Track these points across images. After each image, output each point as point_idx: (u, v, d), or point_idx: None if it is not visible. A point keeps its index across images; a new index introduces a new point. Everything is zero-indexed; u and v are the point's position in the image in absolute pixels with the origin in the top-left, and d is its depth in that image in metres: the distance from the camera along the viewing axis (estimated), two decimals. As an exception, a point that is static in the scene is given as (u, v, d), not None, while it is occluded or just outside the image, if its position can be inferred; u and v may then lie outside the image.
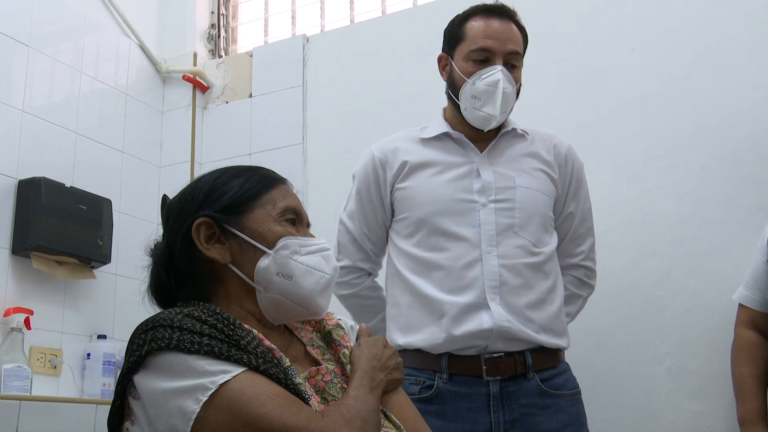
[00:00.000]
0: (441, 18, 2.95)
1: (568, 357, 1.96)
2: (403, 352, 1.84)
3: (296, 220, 1.32)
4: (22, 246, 2.60)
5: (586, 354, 2.39)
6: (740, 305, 2.15)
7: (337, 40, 3.22)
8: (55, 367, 2.67)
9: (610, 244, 2.42)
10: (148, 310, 1.30)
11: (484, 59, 1.90)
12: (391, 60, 3.05)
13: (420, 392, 1.81)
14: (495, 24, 1.92)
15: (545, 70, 2.71)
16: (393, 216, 2.02)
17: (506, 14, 1.95)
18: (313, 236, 1.33)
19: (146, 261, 1.32)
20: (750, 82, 2.43)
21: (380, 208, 2.01)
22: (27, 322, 2.51)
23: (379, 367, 1.29)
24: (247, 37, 3.61)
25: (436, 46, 2.02)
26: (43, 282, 2.70)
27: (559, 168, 2.01)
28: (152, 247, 1.33)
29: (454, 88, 1.96)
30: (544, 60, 2.73)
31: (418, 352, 1.84)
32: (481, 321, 1.80)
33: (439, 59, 2.03)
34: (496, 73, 1.88)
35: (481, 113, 1.91)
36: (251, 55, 3.37)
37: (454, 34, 1.99)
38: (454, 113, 2.00)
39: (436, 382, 1.81)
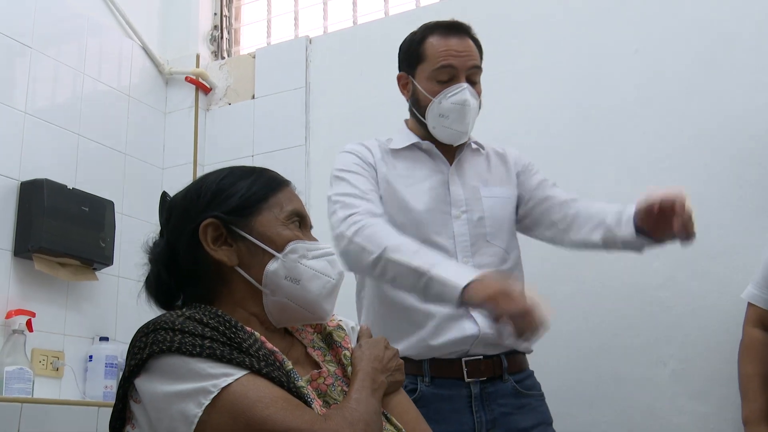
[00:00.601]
0: (443, 19, 2.95)
1: (574, 359, 1.96)
2: None
3: (301, 223, 1.32)
4: (24, 248, 2.60)
5: (590, 356, 2.39)
6: (749, 304, 2.15)
7: (340, 41, 3.22)
8: (57, 370, 2.67)
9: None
10: (150, 312, 1.30)
11: (448, 78, 1.92)
12: (394, 61, 3.01)
13: None
14: (454, 41, 1.92)
15: (549, 72, 2.71)
16: None
17: (462, 30, 1.96)
18: (317, 240, 1.32)
19: (144, 259, 1.31)
20: (754, 83, 2.42)
21: (377, 186, 1.95)
22: (29, 324, 2.51)
23: (381, 368, 1.29)
24: (249, 38, 3.61)
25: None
26: (45, 284, 2.69)
27: (515, 173, 2.05)
28: (151, 245, 1.31)
29: (418, 107, 1.97)
30: (547, 62, 2.72)
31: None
32: (464, 328, 1.83)
33: (399, 78, 2.03)
34: (463, 91, 1.90)
35: (451, 130, 1.93)
36: (254, 57, 3.37)
37: (413, 54, 1.99)
38: (418, 127, 2.01)
39: (418, 386, 1.84)
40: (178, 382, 1.08)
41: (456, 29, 1.95)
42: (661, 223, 1.76)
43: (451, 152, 2.00)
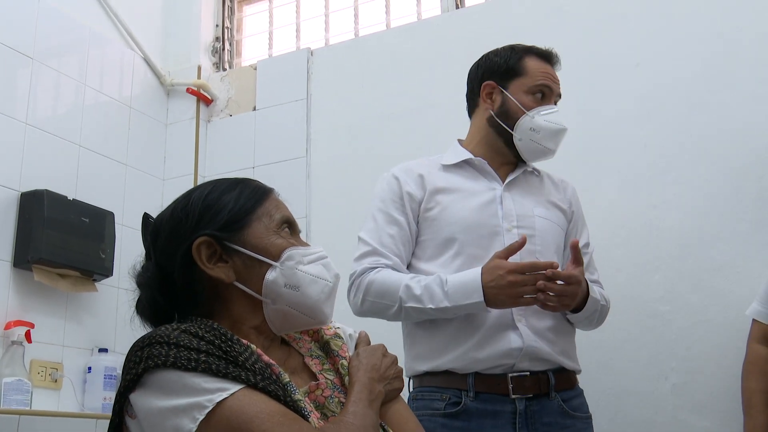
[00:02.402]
0: (444, 32, 2.97)
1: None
2: (426, 374, 1.90)
3: (291, 229, 1.31)
4: (23, 259, 2.60)
5: (590, 370, 2.37)
6: (754, 320, 2.14)
7: (342, 53, 3.22)
8: (56, 381, 2.66)
9: (614, 258, 2.41)
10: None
11: (543, 97, 2.02)
12: (395, 74, 3.05)
13: (445, 408, 1.84)
14: (550, 68, 2.06)
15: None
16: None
17: (557, 61, 2.09)
18: (308, 244, 1.32)
19: (133, 286, 1.29)
20: (754, 95, 2.42)
21: (410, 225, 1.99)
22: (28, 335, 2.50)
23: (378, 378, 1.28)
24: (251, 50, 3.62)
25: (439, 60, 2.03)
26: (44, 295, 2.69)
27: (569, 204, 2.09)
28: (139, 269, 1.30)
29: (507, 118, 2.01)
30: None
31: (442, 372, 1.88)
32: (510, 340, 1.84)
33: (485, 86, 2.06)
34: (556, 114, 2.01)
35: (539, 146, 1.99)
36: (255, 68, 3.38)
37: (510, 67, 2.04)
38: (480, 141, 2.05)
39: (462, 400, 1.84)
40: (173, 397, 1.07)
41: (554, 58, 2.08)
42: None
43: (504, 170, 2.04)
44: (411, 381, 1.96)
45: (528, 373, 1.84)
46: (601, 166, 2.57)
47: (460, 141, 2.11)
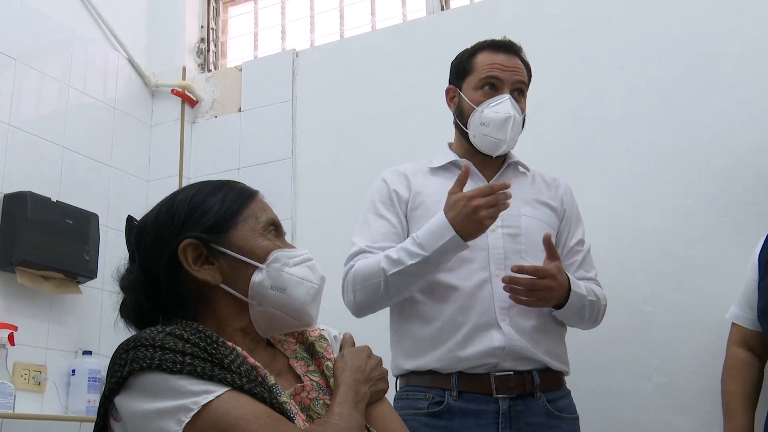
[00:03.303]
0: (429, 34, 2.98)
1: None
2: (411, 373, 1.91)
3: (276, 231, 1.31)
4: (7, 261, 2.59)
5: (574, 370, 2.38)
6: (733, 324, 2.16)
7: (327, 55, 3.22)
8: (39, 384, 2.64)
9: (598, 259, 2.40)
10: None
11: (492, 89, 1.99)
12: (381, 75, 3.06)
13: (429, 407, 1.85)
14: (502, 57, 2.01)
15: (534, 87, 2.71)
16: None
17: (512, 49, 2.04)
18: (293, 246, 1.32)
19: (117, 289, 1.28)
20: (737, 98, 2.44)
21: (400, 222, 2.01)
22: (11, 338, 2.49)
23: (363, 379, 1.28)
24: (236, 51, 3.61)
25: (425, 61, 2.04)
26: (27, 297, 2.68)
27: (561, 202, 2.08)
28: (123, 273, 1.29)
29: (462, 117, 2.03)
30: (534, 76, 2.73)
31: (427, 372, 1.88)
32: (492, 339, 1.84)
33: (447, 91, 2.09)
34: (505, 101, 1.96)
35: (491, 138, 1.97)
36: (240, 70, 3.37)
37: (462, 67, 2.06)
38: (462, 143, 2.06)
39: (446, 399, 1.84)
40: (158, 400, 1.07)
41: (506, 47, 2.03)
42: None
43: (491, 170, 2.04)
44: (398, 380, 1.96)
45: (512, 372, 1.85)
46: (584, 167, 2.58)
47: (450, 144, 2.12)
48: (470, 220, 1.77)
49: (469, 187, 1.99)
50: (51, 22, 3.00)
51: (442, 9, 3.11)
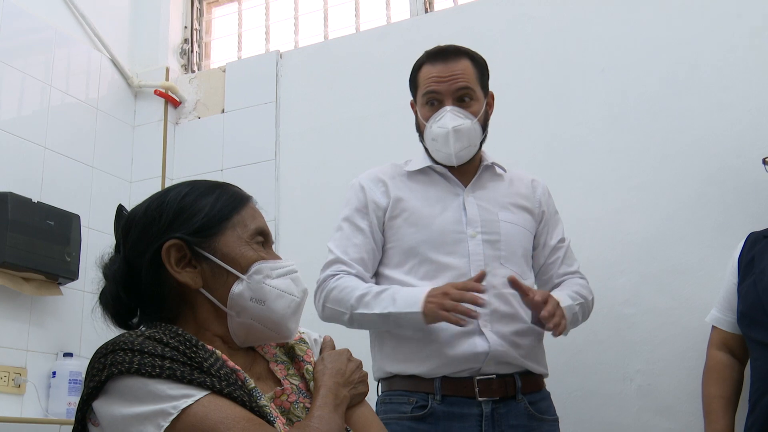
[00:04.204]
0: (413, 36, 2.98)
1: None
2: (394, 377, 1.92)
3: (264, 241, 1.30)
4: (-13, 262, 2.56)
5: (556, 372, 2.39)
6: (713, 327, 2.17)
7: (311, 56, 3.22)
8: (19, 386, 2.62)
9: (579, 262, 2.42)
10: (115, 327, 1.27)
11: (434, 103, 1.98)
12: (364, 77, 3.06)
13: (412, 411, 1.86)
14: (439, 68, 1.98)
15: (516, 90, 2.73)
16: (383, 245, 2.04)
17: (451, 54, 1.99)
18: (280, 257, 1.31)
19: (99, 277, 1.27)
20: (718, 102, 2.46)
21: (373, 234, 2.02)
22: (-9, 339, 2.47)
23: (343, 382, 1.28)
24: (220, 52, 3.60)
25: (408, 63, 2.03)
26: (8, 298, 2.65)
27: (539, 203, 2.08)
28: (106, 261, 1.28)
29: (419, 132, 2.05)
30: (514, 80, 2.75)
31: (410, 376, 1.90)
32: (475, 345, 1.86)
33: (411, 105, 2.10)
34: (444, 116, 1.95)
35: (442, 153, 1.98)
36: (224, 71, 3.36)
37: (412, 83, 2.07)
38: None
39: (429, 403, 1.86)
40: (137, 404, 1.06)
41: (443, 54, 1.99)
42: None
43: (468, 174, 2.03)
44: (379, 384, 1.97)
45: (494, 376, 1.87)
46: (566, 170, 2.59)
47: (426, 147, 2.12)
48: (436, 301, 1.80)
49: (445, 191, 2.01)
50: (33, 21, 2.98)
51: (426, 11, 3.12)
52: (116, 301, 1.25)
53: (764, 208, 2.28)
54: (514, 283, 1.85)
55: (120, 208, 1.32)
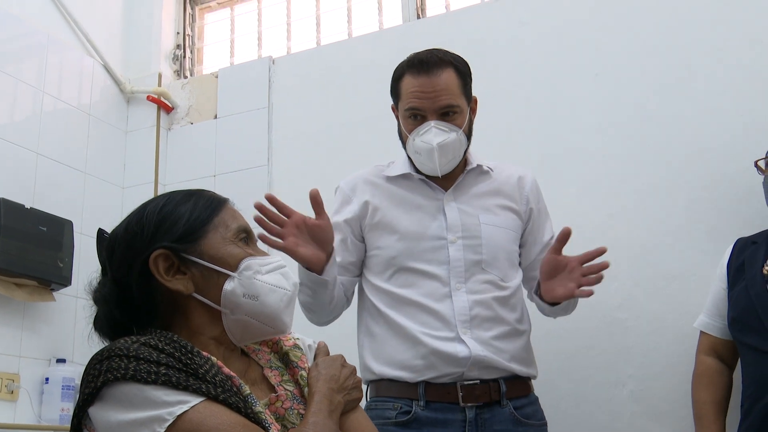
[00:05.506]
0: (406, 42, 2.98)
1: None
2: (379, 381, 1.92)
3: (248, 238, 1.31)
4: (-21, 268, 2.55)
5: (549, 377, 2.40)
6: (701, 332, 2.18)
7: (303, 62, 3.22)
8: (12, 392, 2.61)
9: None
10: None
11: (417, 118, 1.95)
12: (357, 82, 3.06)
13: (396, 417, 1.86)
14: (422, 81, 1.92)
15: (508, 96, 2.74)
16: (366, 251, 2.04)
17: (434, 66, 1.92)
18: (267, 253, 1.32)
19: (90, 302, 1.28)
20: (710, 108, 2.47)
21: (348, 237, 2.02)
22: (-17, 346, 2.46)
23: (337, 388, 1.29)
24: (212, 58, 3.60)
25: (401, 69, 2.04)
26: (0, 304, 2.64)
27: (526, 201, 2.06)
28: (96, 286, 1.29)
29: (402, 140, 2.03)
30: (507, 86, 2.76)
31: (394, 381, 1.89)
32: (456, 351, 1.86)
33: (392, 109, 2.08)
34: (428, 131, 1.92)
35: (426, 166, 1.97)
36: (217, 76, 3.36)
37: (394, 90, 2.03)
38: None
39: (413, 409, 1.86)
40: (133, 411, 1.07)
41: (426, 67, 1.92)
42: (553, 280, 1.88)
43: (451, 178, 2.01)
44: (368, 389, 1.97)
45: (478, 381, 1.87)
46: (559, 175, 2.60)
47: None
48: None
49: (425, 196, 2.00)
50: (25, 26, 2.97)
51: (419, 17, 3.13)
52: (111, 321, 1.26)
53: (757, 213, 2.29)
54: (565, 236, 1.85)
55: (100, 232, 1.33)
